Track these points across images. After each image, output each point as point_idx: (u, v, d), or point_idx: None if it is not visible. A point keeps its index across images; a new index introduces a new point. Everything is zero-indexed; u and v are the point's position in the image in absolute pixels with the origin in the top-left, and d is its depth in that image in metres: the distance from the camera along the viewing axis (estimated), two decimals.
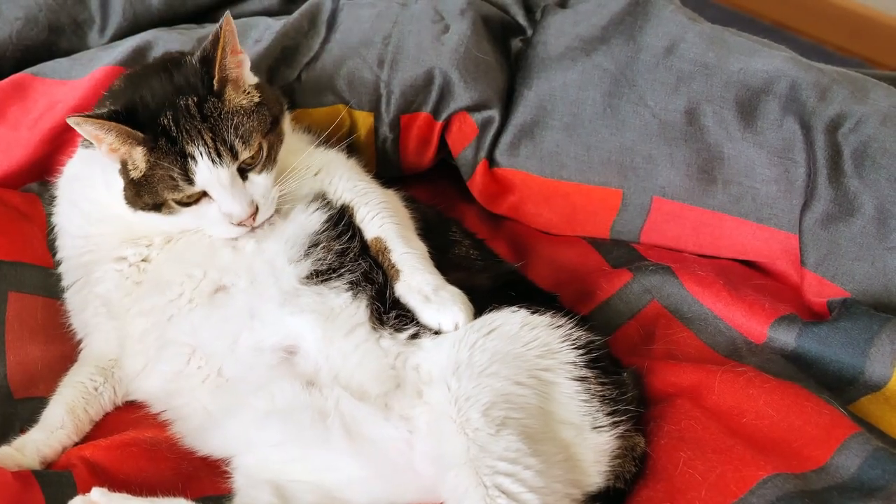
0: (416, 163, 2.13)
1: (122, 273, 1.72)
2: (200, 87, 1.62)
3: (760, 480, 1.50)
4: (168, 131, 1.58)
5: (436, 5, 2.06)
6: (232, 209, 1.62)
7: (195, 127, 1.58)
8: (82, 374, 1.74)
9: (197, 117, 1.59)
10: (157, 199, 1.61)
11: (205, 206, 1.63)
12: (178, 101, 1.59)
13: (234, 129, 1.60)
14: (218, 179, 1.60)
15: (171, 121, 1.58)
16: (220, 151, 1.59)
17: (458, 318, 1.60)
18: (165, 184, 1.59)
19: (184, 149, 1.57)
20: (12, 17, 2.09)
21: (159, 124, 1.58)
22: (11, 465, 1.57)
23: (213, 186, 1.60)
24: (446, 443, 1.49)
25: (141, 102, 1.61)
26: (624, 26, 2.01)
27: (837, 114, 1.87)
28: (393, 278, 1.66)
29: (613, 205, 2.02)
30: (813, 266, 1.85)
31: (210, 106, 1.61)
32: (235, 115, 1.62)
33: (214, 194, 1.61)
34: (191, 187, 1.60)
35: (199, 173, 1.59)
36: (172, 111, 1.58)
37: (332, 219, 1.71)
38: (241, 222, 1.63)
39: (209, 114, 1.60)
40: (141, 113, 1.59)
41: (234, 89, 1.65)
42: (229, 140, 1.60)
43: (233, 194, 1.61)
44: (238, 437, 1.61)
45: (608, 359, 1.66)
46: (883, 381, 1.68)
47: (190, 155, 1.58)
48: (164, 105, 1.59)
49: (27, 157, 2.00)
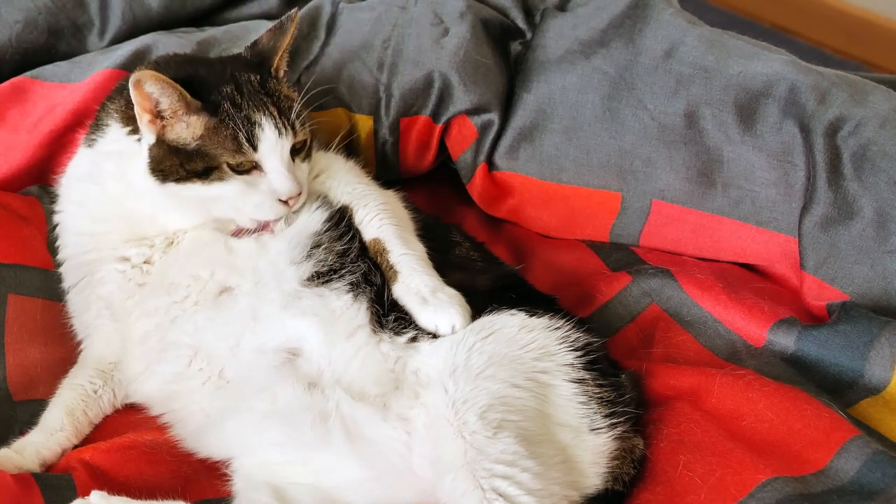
0: (415, 166, 2.13)
1: (124, 274, 1.72)
2: (261, 69, 1.69)
3: (760, 484, 1.50)
4: (233, 98, 1.63)
5: (435, 9, 2.07)
6: (284, 183, 1.64)
7: (260, 99, 1.65)
8: (82, 376, 1.74)
9: (262, 91, 1.66)
10: (212, 162, 1.62)
11: (254, 178, 1.64)
12: (240, 76, 1.66)
13: (293, 110, 1.67)
14: (280, 150, 1.64)
15: (235, 90, 1.64)
16: (284, 125, 1.64)
17: (455, 321, 1.61)
18: (226, 146, 1.61)
19: (249, 115, 1.62)
20: (12, 21, 2.09)
21: (220, 92, 1.63)
22: (11, 467, 1.57)
23: (271, 157, 1.64)
24: (444, 446, 1.49)
25: (196, 76, 1.65)
26: (623, 29, 2.02)
27: (837, 117, 1.87)
28: (391, 280, 1.66)
29: (613, 208, 2.02)
30: (812, 269, 1.86)
31: (272, 85, 1.68)
32: (291, 101, 1.68)
33: (270, 166, 1.64)
34: (253, 153, 1.63)
35: (265, 140, 1.63)
36: (235, 83, 1.65)
37: (333, 218, 1.71)
38: (287, 200, 1.65)
39: (272, 91, 1.67)
40: (197, 85, 1.63)
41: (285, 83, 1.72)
42: (291, 117, 1.66)
43: (287, 169, 1.64)
44: (238, 437, 1.61)
45: (606, 361, 1.67)
46: (882, 385, 1.68)
47: (256, 122, 1.62)
48: (224, 78, 1.65)
49: (26, 160, 2.00)
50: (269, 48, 1.72)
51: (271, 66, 1.70)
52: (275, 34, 1.73)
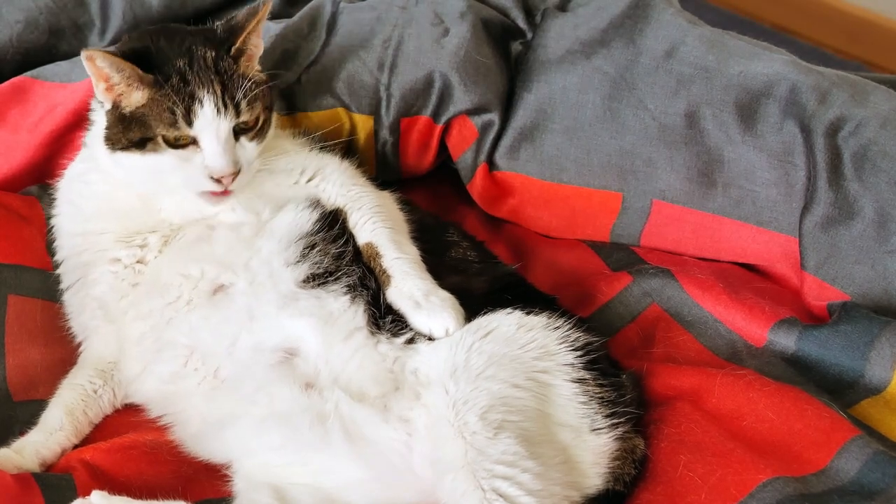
0: (415, 166, 2.13)
1: (117, 275, 1.72)
2: (220, 47, 1.68)
3: (760, 484, 1.50)
4: (182, 73, 1.63)
5: (435, 8, 2.06)
6: (216, 162, 1.63)
7: (208, 76, 1.64)
8: (81, 376, 1.74)
9: (211, 69, 1.65)
10: (148, 132, 1.63)
11: (189, 153, 1.64)
12: (196, 51, 1.65)
13: (242, 90, 1.65)
14: (216, 129, 1.63)
15: (187, 65, 1.64)
16: (226, 103, 1.64)
17: (448, 324, 1.60)
18: (162, 118, 1.62)
19: (193, 91, 1.62)
20: (12, 21, 2.09)
21: (174, 65, 1.63)
22: (10, 467, 1.57)
23: (208, 134, 1.63)
24: (444, 446, 1.49)
25: (155, 47, 1.66)
26: (624, 29, 2.02)
27: (837, 117, 1.87)
28: (384, 284, 1.66)
29: (613, 208, 2.02)
30: (813, 269, 1.85)
31: (225, 64, 1.67)
32: (245, 80, 1.67)
33: (205, 143, 1.63)
34: (188, 128, 1.62)
35: (202, 117, 1.62)
36: (189, 57, 1.64)
37: (325, 219, 1.71)
38: (219, 178, 1.64)
39: (223, 70, 1.66)
40: (154, 56, 1.65)
41: (248, 62, 1.71)
42: (237, 97, 1.65)
43: (223, 148, 1.63)
44: (237, 443, 1.61)
45: (607, 360, 1.66)
46: (883, 385, 1.68)
47: (198, 98, 1.62)
48: (180, 51, 1.65)
49: (27, 160, 2.00)
50: (237, 26, 1.71)
51: (232, 44, 1.69)
52: (248, 14, 1.72)
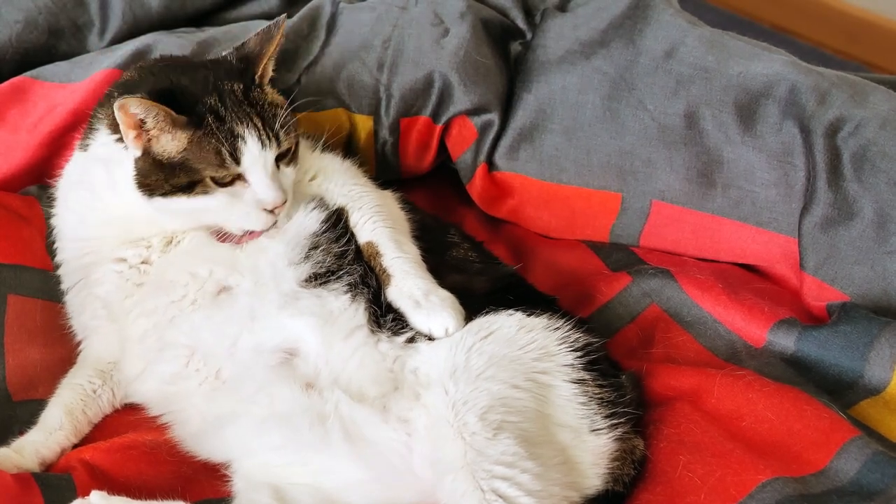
0: (415, 166, 2.13)
1: (122, 274, 1.71)
2: (244, 78, 1.67)
3: (760, 484, 1.50)
4: (216, 111, 1.61)
5: (435, 9, 2.06)
6: (268, 194, 1.63)
7: (244, 110, 1.63)
8: (81, 376, 1.74)
9: (244, 102, 1.64)
10: (195, 176, 1.61)
11: (238, 189, 1.63)
12: (223, 86, 1.64)
13: (278, 119, 1.65)
14: (264, 162, 1.62)
15: (219, 101, 1.62)
16: (269, 136, 1.63)
17: (447, 324, 1.60)
18: (209, 160, 1.60)
19: (233, 128, 1.60)
20: (12, 21, 2.09)
21: (204, 104, 1.61)
22: (10, 466, 1.57)
23: (255, 169, 1.62)
24: (444, 447, 1.49)
25: (177, 86, 1.64)
26: (623, 30, 2.02)
27: (837, 117, 1.87)
28: (385, 283, 1.66)
29: (613, 208, 2.02)
30: (812, 270, 1.85)
31: (255, 95, 1.66)
32: (276, 107, 1.67)
33: (254, 178, 1.62)
34: (236, 166, 1.61)
35: (248, 153, 1.61)
36: (218, 94, 1.63)
37: (330, 219, 1.71)
38: (272, 209, 1.64)
39: (255, 101, 1.65)
40: (180, 96, 1.62)
41: (269, 88, 1.71)
42: (275, 127, 1.64)
43: (272, 180, 1.63)
44: (237, 442, 1.61)
45: (606, 361, 1.66)
46: (882, 385, 1.68)
47: (239, 135, 1.61)
48: (207, 89, 1.63)
49: (27, 160, 2.00)
50: (254, 54, 1.70)
51: (256, 73, 1.68)
52: (261, 39, 1.71)
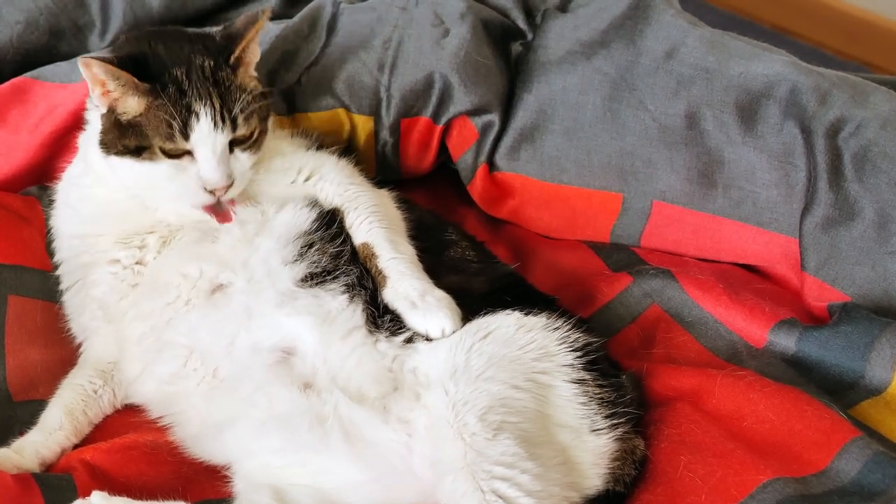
0: (416, 167, 2.13)
1: (116, 276, 1.72)
2: (218, 56, 1.67)
3: (761, 484, 1.50)
4: (179, 83, 1.62)
5: (436, 9, 2.06)
6: (211, 175, 1.63)
7: (206, 88, 1.63)
8: (81, 376, 1.74)
9: (210, 79, 1.64)
10: (144, 141, 1.63)
11: (185, 163, 1.64)
12: (194, 59, 1.64)
13: (239, 103, 1.65)
14: (212, 143, 1.63)
15: (184, 75, 1.63)
16: (223, 118, 1.63)
17: (444, 325, 1.60)
18: (159, 130, 1.61)
19: (190, 104, 1.61)
20: (13, 21, 2.09)
21: (171, 74, 1.62)
22: (10, 467, 1.57)
23: (203, 148, 1.63)
24: (444, 447, 1.49)
25: (152, 53, 1.65)
26: (624, 30, 2.01)
27: (838, 118, 1.87)
28: (381, 284, 1.66)
29: (614, 209, 2.02)
30: (813, 270, 1.85)
31: (223, 74, 1.66)
32: (243, 92, 1.67)
33: (200, 156, 1.63)
34: (184, 142, 1.62)
35: (198, 131, 1.62)
36: (186, 66, 1.63)
37: (323, 218, 1.71)
38: (212, 190, 1.65)
39: (221, 81, 1.66)
40: (152, 63, 1.64)
41: (246, 71, 1.71)
42: (234, 111, 1.64)
43: (218, 161, 1.63)
44: (237, 445, 1.61)
45: (607, 361, 1.66)
46: (883, 385, 1.67)
47: (195, 111, 1.61)
48: (178, 59, 1.64)
49: (27, 160, 2.00)
50: (236, 34, 1.70)
51: (231, 53, 1.68)
52: (246, 21, 1.71)
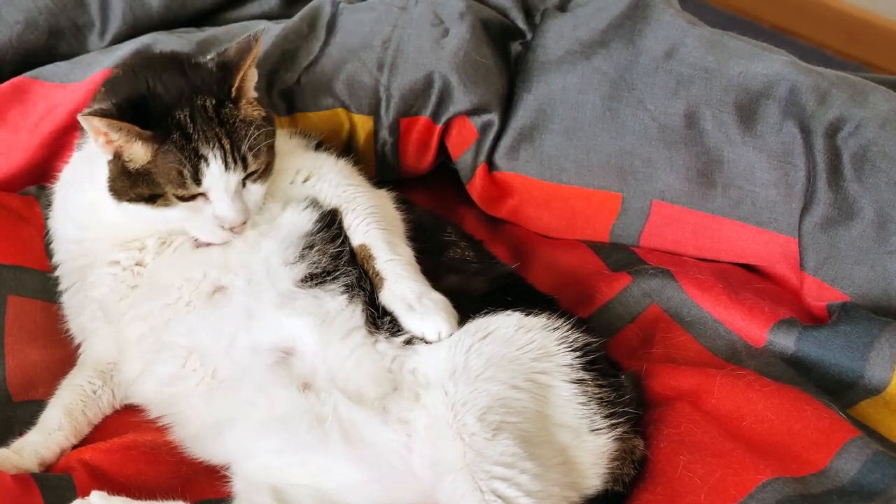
0: (415, 166, 2.13)
1: (116, 277, 1.72)
2: (218, 91, 1.63)
3: (760, 484, 1.50)
4: (183, 127, 1.59)
5: (435, 9, 2.06)
6: (227, 215, 1.63)
7: (212, 129, 1.60)
8: (81, 377, 1.74)
9: (214, 119, 1.61)
10: (157, 190, 1.61)
11: (200, 205, 1.63)
12: (196, 100, 1.61)
13: (248, 140, 1.62)
14: (225, 184, 1.61)
15: (188, 118, 1.59)
16: (234, 158, 1.61)
17: (441, 327, 1.60)
18: (170, 178, 1.59)
19: (197, 148, 1.59)
20: (12, 21, 2.09)
21: (174, 118, 1.59)
22: (10, 467, 1.57)
23: (216, 191, 1.61)
24: (443, 447, 1.49)
25: (151, 94, 1.62)
26: (623, 30, 2.01)
27: (837, 117, 1.87)
28: (378, 286, 1.66)
29: (613, 208, 2.02)
30: (812, 270, 1.85)
31: (227, 112, 1.63)
32: (249, 125, 1.64)
33: (214, 198, 1.62)
34: (196, 187, 1.60)
35: (210, 176, 1.60)
36: (189, 108, 1.60)
37: (324, 219, 1.71)
38: (230, 228, 1.64)
39: (226, 119, 1.62)
40: (152, 105, 1.60)
41: (247, 101, 1.67)
42: (243, 149, 1.62)
43: (232, 200, 1.62)
44: (236, 445, 1.61)
45: (606, 361, 1.66)
46: (882, 385, 1.67)
47: (203, 156, 1.59)
48: (179, 100, 1.60)
49: (27, 160, 2.00)
50: (232, 64, 1.66)
51: (231, 85, 1.64)
52: (240, 49, 1.67)
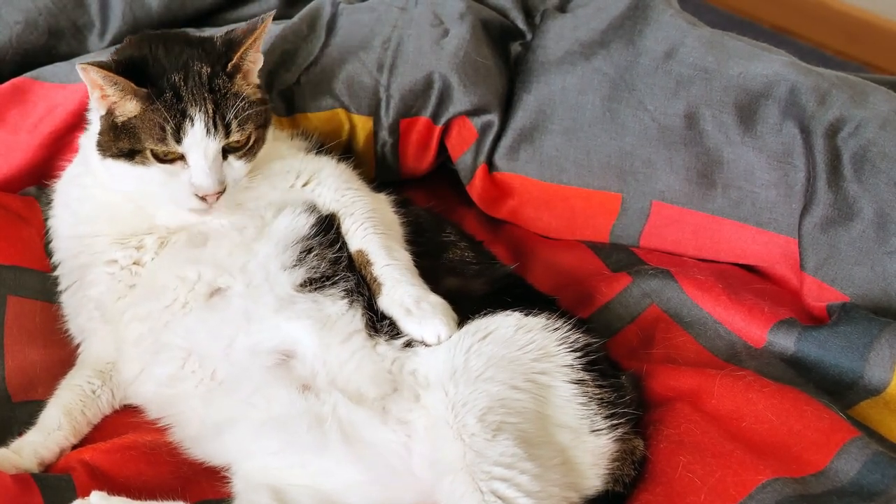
0: (415, 167, 2.13)
1: (114, 276, 1.72)
2: (216, 63, 1.67)
3: (760, 485, 1.50)
4: (177, 89, 1.63)
5: (435, 9, 2.06)
6: (203, 181, 1.64)
7: (201, 94, 1.63)
8: (80, 377, 1.74)
9: (205, 86, 1.64)
10: (137, 145, 1.63)
11: (177, 168, 1.65)
12: (192, 66, 1.65)
13: (234, 110, 1.65)
14: (204, 148, 1.63)
15: (182, 80, 1.63)
16: (216, 124, 1.63)
17: (439, 331, 1.60)
18: (152, 132, 1.62)
19: (185, 109, 1.62)
20: (12, 21, 2.09)
21: (169, 80, 1.63)
22: (9, 467, 1.57)
23: (196, 153, 1.63)
24: (443, 448, 1.50)
25: (152, 57, 1.66)
26: (623, 31, 2.02)
27: (837, 118, 1.87)
28: (376, 292, 1.66)
29: (613, 209, 2.02)
30: (812, 270, 1.85)
31: (220, 82, 1.66)
32: (239, 99, 1.67)
33: (192, 161, 1.64)
34: (176, 145, 1.62)
35: (191, 135, 1.62)
36: (185, 72, 1.64)
37: (322, 223, 1.71)
38: (204, 196, 1.65)
39: (217, 88, 1.66)
40: (151, 67, 1.65)
41: (244, 78, 1.71)
42: (228, 117, 1.64)
43: (210, 167, 1.64)
44: (236, 446, 1.60)
45: (606, 361, 1.66)
46: (882, 386, 1.67)
47: (189, 116, 1.62)
48: (177, 65, 1.65)
49: (27, 160, 2.00)
50: (235, 41, 1.70)
51: (229, 60, 1.67)
52: (247, 29, 1.71)
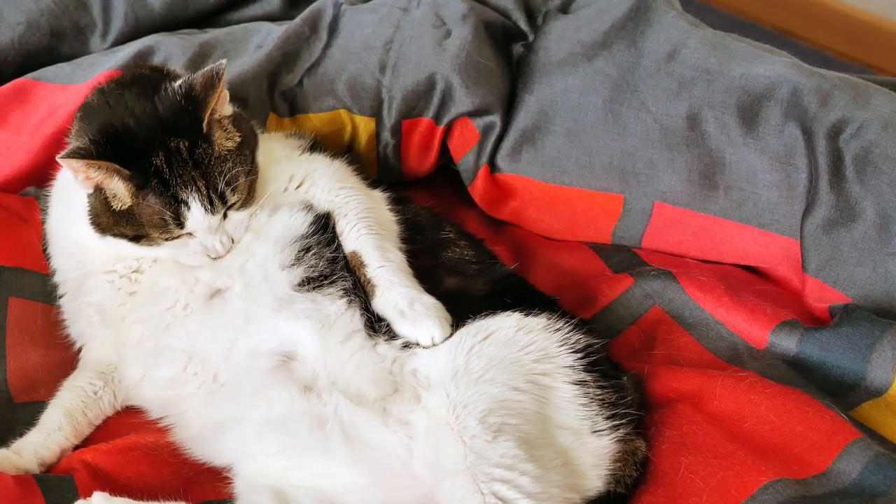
0: (417, 168, 2.13)
1: (113, 284, 1.72)
2: (190, 129, 1.61)
3: (762, 486, 1.50)
4: (160, 174, 1.58)
5: (437, 10, 2.06)
6: (213, 247, 1.65)
7: (188, 173, 1.59)
8: (82, 378, 1.74)
9: (189, 163, 1.59)
10: (141, 231, 1.62)
11: (185, 240, 1.64)
12: (170, 143, 1.59)
13: (223, 176, 1.61)
14: (207, 224, 1.62)
15: (164, 163, 1.58)
16: (212, 200, 1.61)
17: (433, 332, 1.60)
18: (154, 223, 1.60)
19: (176, 194, 1.58)
20: (14, 22, 2.09)
21: (151, 164, 1.58)
22: (10, 467, 1.57)
23: (200, 232, 1.63)
24: (444, 450, 1.50)
25: (125, 130, 1.60)
26: (625, 32, 2.02)
27: (839, 119, 1.87)
28: (370, 294, 1.66)
29: (615, 210, 2.02)
30: (814, 271, 1.85)
31: (201, 151, 1.61)
32: (224, 161, 1.63)
33: (199, 237, 1.64)
34: (180, 230, 1.62)
35: (191, 219, 1.61)
36: (164, 152, 1.58)
37: (319, 221, 1.71)
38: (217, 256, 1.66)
39: (200, 160, 1.61)
40: (128, 142, 1.59)
41: (220, 130, 1.65)
42: (220, 188, 1.61)
43: (216, 235, 1.64)
44: (237, 447, 1.61)
45: (607, 362, 1.66)
46: (884, 387, 1.67)
47: (183, 201, 1.59)
48: (154, 143, 1.59)
49: (28, 161, 2.00)
50: (199, 100, 1.62)
51: (201, 120, 1.61)
52: (205, 84, 1.62)
